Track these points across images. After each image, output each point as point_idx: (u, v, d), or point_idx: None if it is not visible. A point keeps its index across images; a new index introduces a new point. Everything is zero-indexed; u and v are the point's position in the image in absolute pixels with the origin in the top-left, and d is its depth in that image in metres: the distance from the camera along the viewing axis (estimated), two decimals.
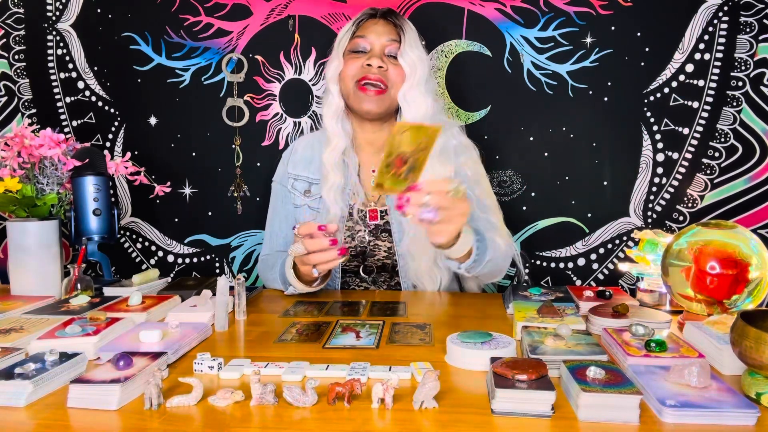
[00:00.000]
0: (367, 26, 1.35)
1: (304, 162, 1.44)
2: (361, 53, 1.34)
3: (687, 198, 1.62)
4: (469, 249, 1.13)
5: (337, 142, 1.37)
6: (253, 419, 0.68)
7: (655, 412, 0.68)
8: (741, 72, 1.56)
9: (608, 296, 1.18)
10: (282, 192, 1.46)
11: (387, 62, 1.33)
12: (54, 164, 1.35)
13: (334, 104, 1.37)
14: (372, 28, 1.34)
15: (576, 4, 1.60)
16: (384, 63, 1.32)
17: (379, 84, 1.31)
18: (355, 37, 1.35)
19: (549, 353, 0.80)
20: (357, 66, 1.33)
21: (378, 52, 1.33)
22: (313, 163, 1.43)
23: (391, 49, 1.33)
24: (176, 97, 1.72)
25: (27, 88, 1.75)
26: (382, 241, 1.37)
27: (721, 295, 0.95)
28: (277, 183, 1.48)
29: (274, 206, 1.48)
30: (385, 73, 1.32)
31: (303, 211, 1.42)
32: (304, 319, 1.10)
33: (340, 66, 1.35)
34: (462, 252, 1.13)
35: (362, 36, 1.34)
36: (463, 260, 1.15)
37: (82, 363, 0.81)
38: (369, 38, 1.34)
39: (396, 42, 1.33)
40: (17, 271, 1.28)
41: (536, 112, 1.64)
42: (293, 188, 1.43)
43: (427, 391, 0.69)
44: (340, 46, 1.37)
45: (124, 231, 1.78)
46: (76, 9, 1.72)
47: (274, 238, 1.46)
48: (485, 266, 1.17)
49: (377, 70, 1.32)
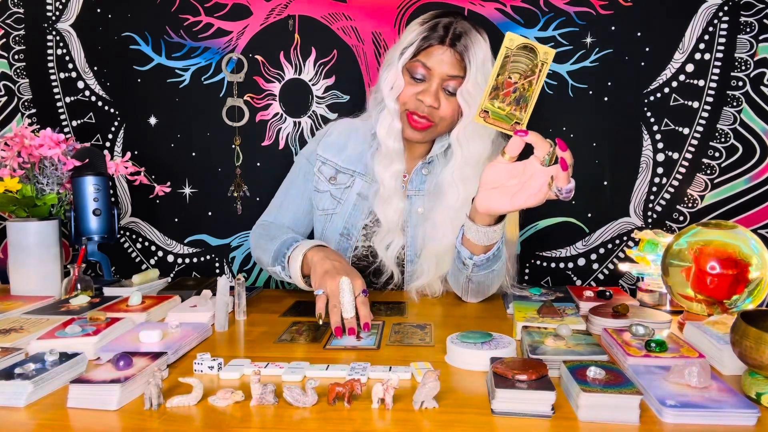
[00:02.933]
0: (432, 53, 1.23)
1: (336, 147, 1.39)
2: (419, 81, 1.24)
3: (687, 198, 1.62)
4: (491, 244, 1.10)
5: (398, 167, 1.29)
6: (253, 419, 0.68)
7: (655, 412, 0.68)
8: (741, 72, 1.56)
9: (608, 296, 1.18)
10: (307, 169, 1.41)
11: (442, 97, 1.24)
12: (54, 164, 1.35)
13: (395, 126, 1.28)
14: (436, 57, 1.22)
15: (576, 4, 1.60)
16: (437, 101, 1.23)
17: (425, 119, 1.25)
18: (416, 60, 1.24)
19: (549, 353, 0.80)
20: (411, 94, 1.25)
21: (435, 87, 1.23)
22: (344, 151, 1.38)
23: (450, 84, 1.23)
24: (176, 97, 1.72)
25: (27, 88, 1.75)
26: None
27: (722, 295, 0.95)
28: (304, 158, 1.42)
29: (293, 179, 1.42)
30: (434, 111, 1.24)
31: (324, 198, 1.38)
32: (304, 318, 1.10)
33: (399, 88, 1.26)
34: (489, 240, 1.09)
35: (423, 63, 1.23)
36: (478, 252, 1.12)
37: (82, 363, 0.81)
38: (430, 67, 1.23)
39: (458, 78, 1.22)
40: (17, 271, 1.28)
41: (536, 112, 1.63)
42: (319, 171, 1.38)
43: (427, 391, 0.69)
44: (401, 60, 1.25)
45: (124, 231, 1.78)
46: (76, 9, 1.72)
47: (282, 210, 1.41)
48: (489, 273, 1.15)
49: (427, 108, 1.24)
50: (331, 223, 1.37)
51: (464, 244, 1.13)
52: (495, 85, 0.92)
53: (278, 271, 1.22)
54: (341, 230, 1.36)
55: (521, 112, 0.94)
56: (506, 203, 1.01)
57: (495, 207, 1.03)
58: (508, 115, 0.94)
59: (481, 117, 0.95)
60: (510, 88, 0.92)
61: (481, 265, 1.13)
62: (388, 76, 1.27)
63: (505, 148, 0.98)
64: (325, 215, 1.38)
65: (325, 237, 1.38)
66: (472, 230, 1.09)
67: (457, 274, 1.20)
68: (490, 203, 1.03)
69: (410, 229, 1.33)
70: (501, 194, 1.01)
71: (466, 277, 1.17)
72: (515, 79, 0.91)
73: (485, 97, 0.93)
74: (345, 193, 1.36)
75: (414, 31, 1.26)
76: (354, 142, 1.38)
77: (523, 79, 0.91)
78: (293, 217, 1.40)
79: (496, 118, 0.94)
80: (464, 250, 1.13)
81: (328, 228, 1.37)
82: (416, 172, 1.35)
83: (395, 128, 1.28)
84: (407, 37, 1.27)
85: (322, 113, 1.70)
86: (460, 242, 1.14)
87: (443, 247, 1.25)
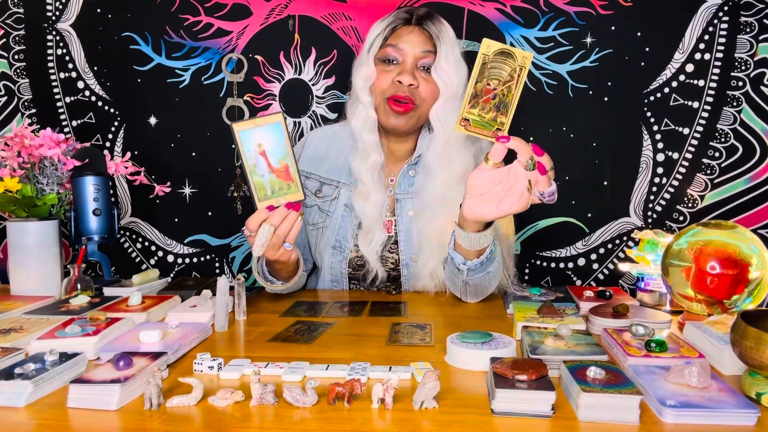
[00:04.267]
0: (401, 34, 1.26)
1: (317, 159, 1.38)
2: (392, 64, 1.26)
3: (687, 198, 1.62)
4: (483, 248, 1.11)
5: (375, 158, 1.30)
6: (253, 419, 0.68)
7: (655, 412, 0.68)
8: (741, 72, 1.56)
9: (608, 296, 1.18)
10: None
11: (419, 76, 1.25)
12: (54, 164, 1.35)
13: (370, 117, 1.29)
14: (406, 37, 1.25)
15: (576, 4, 1.60)
16: (415, 79, 1.24)
17: (407, 100, 1.25)
18: (387, 45, 1.26)
19: (549, 353, 0.80)
20: (388, 80, 1.26)
21: (410, 65, 1.25)
22: (326, 161, 1.38)
23: (424, 61, 1.25)
24: (176, 97, 1.72)
25: (27, 88, 1.75)
26: (390, 252, 1.35)
27: (722, 295, 0.95)
28: None
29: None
30: (415, 90, 1.25)
31: (312, 212, 1.37)
32: (304, 318, 1.10)
33: (373, 77, 1.28)
34: (480, 245, 1.09)
35: (394, 45, 1.26)
36: (471, 257, 1.12)
37: (82, 363, 0.81)
38: (401, 48, 1.25)
39: (431, 54, 1.25)
40: (17, 271, 1.28)
41: (536, 112, 1.64)
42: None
43: (427, 391, 0.69)
44: (371, 51, 1.28)
45: (124, 231, 1.78)
46: (76, 9, 1.72)
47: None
48: (485, 275, 1.15)
49: (407, 88, 1.25)
50: (323, 237, 1.37)
51: (457, 250, 1.14)
52: (474, 93, 0.91)
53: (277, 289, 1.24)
54: (333, 243, 1.35)
55: (502, 117, 0.93)
56: (492, 210, 1.02)
57: (482, 214, 1.03)
58: (489, 122, 0.94)
59: (462, 126, 0.94)
60: (489, 95, 0.92)
61: (476, 269, 1.13)
62: (359, 73, 1.30)
63: (488, 155, 0.98)
64: (315, 229, 1.38)
65: (319, 251, 1.38)
66: (462, 237, 1.10)
67: (453, 278, 1.20)
68: (477, 210, 1.03)
69: (402, 234, 1.33)
70: (487, 201, 1.02)
71: (462, 281, 1.17)
72: (494, 85, 0.91)
73: (465, 106, 0.92)
74: (332, 206, 1.36)
75: (377, 27, 1.30)
76: (336, 149, 1.38)
77: (502, 85, 0.91)
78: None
79: (477, 126, 0.94)
80: (457, 256, 1.14)
81: (320, 242, 1.37)
82: (403, 175, 1.34)
83: (371, 118, 1.29)
84: (372, 33, 1.30)
85: (322, 113, 1.70)
86: (453, 248, 1.15)
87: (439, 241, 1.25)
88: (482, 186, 1.01)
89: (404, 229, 1.33)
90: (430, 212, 1.29)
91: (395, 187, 1.35)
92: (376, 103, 1.29)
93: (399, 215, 1.33)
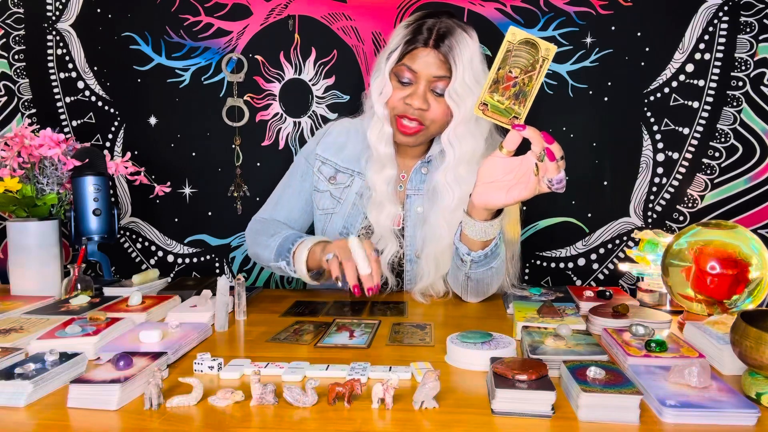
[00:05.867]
0: (417, 55, 1.21)
1: (336, 147, 1.39)
2: (406, 84, 1.24)
3: (687, 198, 1.62)
4: (488, 240, 1.11)
5: (390, 172, 1.30)
6: (253, 419, 0.68)
7: (655, 412, 0.68)
8: (741, 72, 1.56)
9: (608, 296, 1.18)
10: (305, 168, 1.41)
11: (431, 99, 1.23)
12: (54, 164, 1.35)
13: (385, 132, 1.27)
14: (421, 60, 1.21)
15: (576, 4, 1.60)
16: (426, 103, 1.22)
17: (415, 122, 1.24)
18: (402, 64, 1.23)
19: (549, 353, 0.80)
20: (399, 98, 1.24)
21: (422, 90, 1.22)
22: (344, 151, 1.38)
23: (437, 85, 1.22)
24: (176, 97, 1.72)
25: (27, 88, 1.75)
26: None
27: (722, 295, 0.95)
28: (303, 158, 1.43)
29: (291, 178, 1.43)
30: (424, 113, 1.23)
31: (324, 197, 1.38)
32: (304, 318, 1.10)
33: (388, 93, 1.25)
34: (487, 235, 1.10)
35: (409, 66, 1.22)
36: (476, 248, 1.13)
37: (82, 363, 0.81)
38: (416, 70, 1.22)
39: (445, 79, 1.21)
40: (17, 271, 1.28)
41: (536, 112, 1.63)
42: (319, 171, 1.38)
43: (427, 391, 0.69)
44: (387, 64, 1.25)
45: (124, 231, 1.78)
46: (76, 9, 1.72)
47: (278, 208, 1.42)
48: (488, 270, 1.16)
49: (416, 111, 1.23)
50: (331, 223, 1.37)
51: (462, 240, 1.14)
52: (495, 79, 0.92)
53: (282, 266, 1.23)
54: (340, 230, 1.36)
55: (520, 106, 0.95)
56: (501, 197, 1.04)
57: (491, 201, 1.05)
58: (507, 109, 0.95)
59: (480, 109, 0.96)
60: (510, 82, 0.93)
61: (479, 262, 1.14)
62: (376, 82, 1.28)
63: (503, 142, 1.00)
64: (325, 215, 1.38)
65: (326, 236, 1.38)
66: (469, 225, 1.11)
67: (456, 271, 1.20)
68: (487, 197, 1.06)
69: (409, 229, 1.33)
70: (497, 188, 1.04)
71: (464, 274, 1.17)
72: (516, 73, 0.92)
73: (485, 90, 0.94)
74: (344, 193, 1.36)
75: (399, 34, 1.26)
76: (354, 142, 1.38)
77: (524, 74, 0.92)
78: (287, 216, 1.41)
79: (495, 112, 0.95)
80: (462, 246, 1.14)
81: (328, 227, 1.38)
82: (415, 171, 1.35)
83: (386, 133, 1.28)
84: (393, 40, 1.27)
85: (322, 113, 1.70)
86: (458, 239, 1.16)
87: (442, 247, 1.26)
88: (494, 174, 1.04)
89: (411, 224, 1.33)
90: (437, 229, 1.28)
91: (406, 182, 1.35)
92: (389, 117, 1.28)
93: (408, 210, 1.34)
